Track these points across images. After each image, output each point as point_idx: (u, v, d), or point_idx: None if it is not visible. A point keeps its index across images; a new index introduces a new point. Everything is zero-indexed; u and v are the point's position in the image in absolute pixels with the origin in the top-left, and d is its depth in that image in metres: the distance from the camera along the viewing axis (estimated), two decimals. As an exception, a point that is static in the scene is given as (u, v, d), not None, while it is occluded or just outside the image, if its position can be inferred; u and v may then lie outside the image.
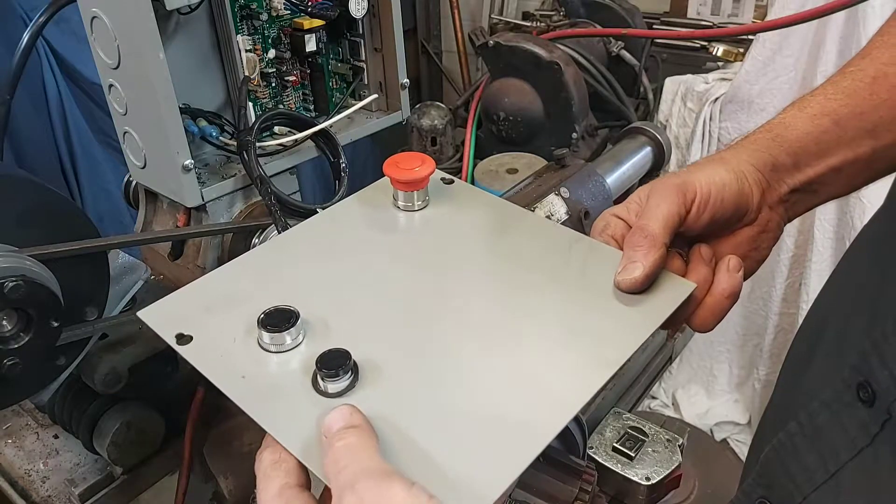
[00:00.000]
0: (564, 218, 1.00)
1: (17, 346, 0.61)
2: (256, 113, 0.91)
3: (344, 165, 0.92)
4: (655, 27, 1.91)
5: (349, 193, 0.63)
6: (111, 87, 0.81)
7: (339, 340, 0.45)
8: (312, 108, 0.98)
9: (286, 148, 0.91)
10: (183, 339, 0.46)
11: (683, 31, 1.88)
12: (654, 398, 2.15)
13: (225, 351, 0.45)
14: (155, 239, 0.90)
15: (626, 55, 1.55)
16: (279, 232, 0.81)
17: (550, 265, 0.53)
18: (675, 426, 0.88)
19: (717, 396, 2.10)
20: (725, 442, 2.04)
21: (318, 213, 0.62)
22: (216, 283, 0.52)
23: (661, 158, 1.23)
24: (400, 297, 0.50)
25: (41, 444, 0.85)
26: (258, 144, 0.86)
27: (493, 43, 1.37)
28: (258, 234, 0.85)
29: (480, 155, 1.38)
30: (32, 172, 0.71)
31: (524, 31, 1.93)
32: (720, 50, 1.89)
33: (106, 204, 1.94)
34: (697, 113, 1.81)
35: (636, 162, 1.20)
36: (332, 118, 0.93)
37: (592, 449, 0.82)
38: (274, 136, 0.91)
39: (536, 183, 1.06)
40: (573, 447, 0.77)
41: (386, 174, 0.58)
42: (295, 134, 0.90)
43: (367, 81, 0.99)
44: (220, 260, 0.89)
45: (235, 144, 0.85)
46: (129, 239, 0.80)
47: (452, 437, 0.40)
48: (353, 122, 0.99)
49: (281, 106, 0.94)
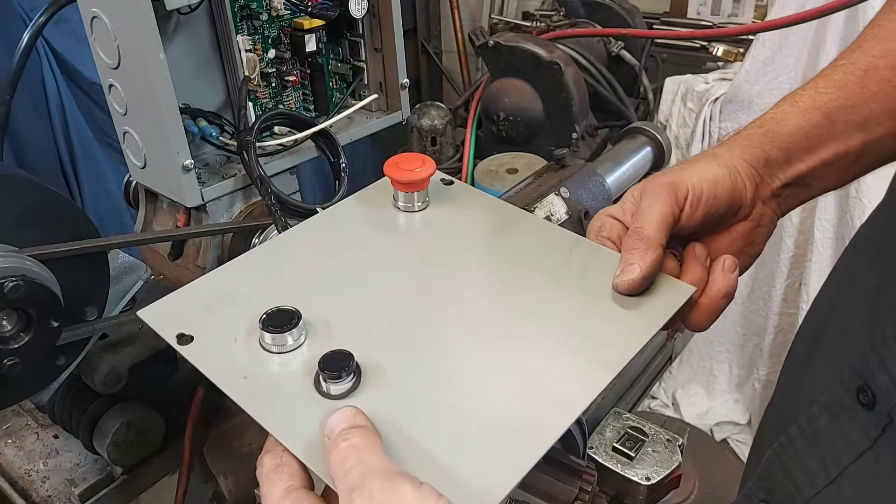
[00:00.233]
0: (564, 218, 1.00)
1: (17, 346, 0.61)
2: (256, 113, 0.91)
3: (344, 165, 0.92)
4: (655, 27, 1.91)
5: (349, 193, 0.63)
6: (111, 87, 0.81)
7: (340, 341, 0.45)
8: (312, 108, 0.98)
9: (286, 148, 0.91)
10: (184, 338, 0.46)
11: (683, 31, 1.87)
12: (654, 398, 2.15)
13: (226, 351, 0.45)
14: (155, 239, 0.90)
15: (626, 55, 1.54)
16: (279, 232, 0.81)
17: (550, 267, 0.53)
18: (675, 426, 0.87)
19: (717, 396, 2.09)
20: (725, 442, 2.04)
21: (318, 213, 0.62)
22: (216, 282, 0.51)
23: (661, 158, 1.23)
24: (401, 298, 0.50)
25: (41, 444, 0.85)
26: (258, 144, 0.86)
27: (493, 43, 1.37)
28: (258, 234, 0.85)
29: (480, 155, 1.38)
30: (32, 172, 0.71)
31: (524, 31, 1.93)
32: (720, 50, 1.89)
33: (106, 204, 1.93)
34: (697, 113, 1.81)
35: (636, 162, 1.20)
36: (332, 118, 0.93)
37: (592, 449, 0.82)
38: (274, 136, 0.91)
39: (536, 183, 1.06)
40: (573, 447, 0.77)
41: (386, 175, 0.58)
42: (295, 134, 0.90)
43: (367, 81, 0.99)
44: (220, 260, 0.89)
45: (235, 144, 0.85)
46: (129, 239, 0.80)
47: (455, 439, 0.40)
48: (353, 122, 0.98)
49: (281, 106, 0.94)
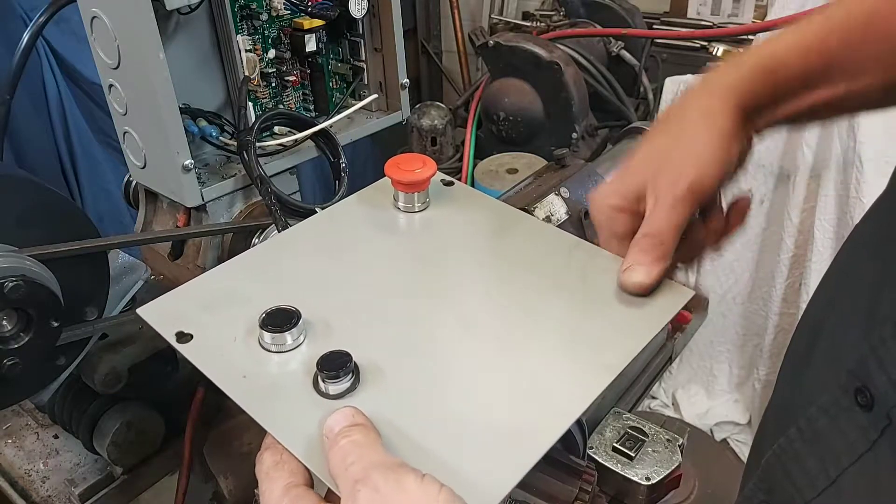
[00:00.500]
0: (564, 218, 1.00)
1: (17, 346, 0.61)
2: (256, 113, 0.91)
3: (344, 165, 0.92)
4: (655, 27, 1.90)
5: (349, 193, 0.63)
6: (111, 87, 0.81)
7: (340, 341, 0.45)
8: (312, 108, 0.98)
9: (286, 148, 0.91)
10: (183, 337, 0.46)
11: (683, 31, 1.87)
12: (654, 398, 2.14)
13: (225, 350, 0.45)
14: (155, 239, 0.90)
15: (626, 55, 1.54)
16: (279, 232, 0.81)
17: (550, 269, 0.53)
18: (675, 426, 0.87)
19: (717, 396, 2.09)
20: (725, 442, 2.04)
21: (317, 213, 0.62)
22: (216, 281, 0.51)
23: (661, 158, 1.22)
24: (400, 298, 0.50)
25: (41, 444, 0.85)
26: (258, 144, 0.86)
27: (493, 43, 1.37)
28: (258, 234, 0.85)
29: (480, 155, 1.38)
30: (32, 172, 0.71)
31: (524, 31, 1.93)
32: (720, 50, 1.88)
33: (106, 204, 1.93)
34: (697, 113, 1.80)
35: (636, 162, 1.19)
36: (332, 118, 0.93)
37: (592, 449, 0.82)
38: (274, 136, 0.91)
39: (536, 183, 1.06)
40: (573, 447, 0.77)
41: (387, 175, 0.58)
42: (295, 134, 0.90)
43: (367, 81, 0.99)
44: (220, 260, 0.89)
45: (235, 144, 0.85)
46: (129, 239, 0.80)
47: (455, 439, 0.40)
48: (353, 122, 0.98)
49: (281, 106, 0.94)
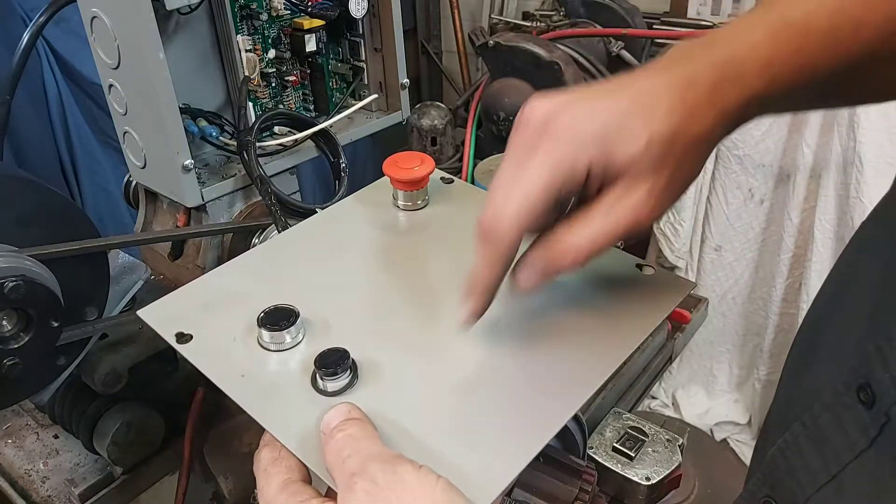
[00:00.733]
0: (564, 218, 1.00)
1: (17, 346, 0.61)
2: (256, 113, 0.91)
3: (344, 165, 0.92)
4: (655, 27, 1.90)
5: (349, 193, 0.63)
6: (111, 87, 0.81)
7: (338, 339, 0.45)
8: (312, 108, 0.98)
9: (286, 148, 0.91)
10: (183, 337, 0.46)
11: (683, 31, 1.87)
12: (654, 398, 2.14)
13: (225, 350, 0.45)
14: (155, 239, 0.90)
15: (626, 55, 1.54)
16: (279, 232, 0.81)
17: None
18: (675, 426, 0.87)
19: (717, 396, 2.09)
20: (725, 442, 2.04)
21: (317, 213, 0.62)
22: (216, 282, 0.52)
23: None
24: (399, 296, 0.50)
25: (41, 444, 0.85)
26: (258, 144, 0.86)
27: (493, 43, 1.37)
28: (258, 234, 0.85)
29: (480, 155, 1.38)
30: (32, 172, 0.71)
31: (524, 31, 1.92)
32: (720, 50, 1.88)
33: (106, 204, 1.93)
34: (697, 113, 1.80)
35: (636, 162, 1.19)
36: (332, 118, 0.93)
37: (592, 449, 0.82)
38: (274, 136, 0.91)
39: (536, 183, 1.05)
40: (573, 447, 0.77)
41: (385, 173, 0.58)
42: (295, 134, 0.90)
43: (367, 81, 0.99)
44: (220, 260, 0.89)
45: (235, 144, 0.85)
46: (129, 239, 0.80)
47: (452, 435, 0.40)
48: (353, 122, 0.98)
49: (281, 106, 0.94)
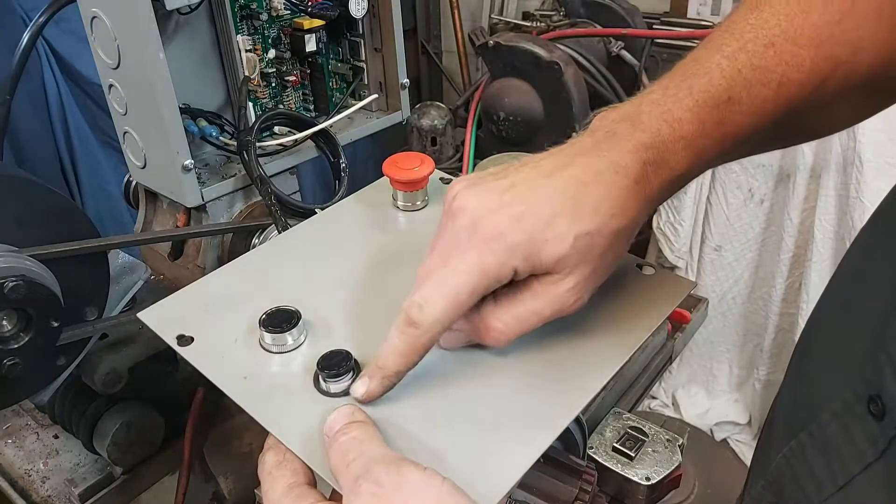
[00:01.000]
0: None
1: (17, 346, 0.61)
2: (256, 113, 0.91)
3: (344, 165, 0.92)
4: (655, 27, 1.90)
5: (349, 193, 0.63)
6: (111, 87, 0.81)
7: (340, 341, 0.45)
8: (312, 108, 0.98)
9: (286, 148, 0.91)
10: (184, 340, 0.46)
11: (683, 31, 1.87)
12: (654, 398, 2.14)
13: (226, 352, 0.45)
14: (155, 239, 0.90)
15: (626, 55, 1.54)
16: (279, 232, 0.81)
17: None
18: (675, 426, 0.87)
19: (717, 396, 2.09)
20: (725, 442, 2.04)
21: (317, 213, 0.62)
22: (216, 283, 0.52)
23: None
24: (400, 297, 0.50)
25: (41, 444, 0.85)
26: (258, 144, 0.86)
27: (493, 43, 1.37)
28: (258, 234, 0.85)
29: (480, 155, 1.38)
30: (32, 172, 0.71)
31: (524, 31, 1.92)
32: (720, 50, 1.88)
33: (106, 204, 1.93)
34: (697, 113, 1.80)
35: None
36: (332, 118, 0.93)
37: (592, 449, 0.81)
38: (274, 136, 0.91)
39: (536, 183, 1.05)
40: (573, 447, 0.77)
41: (385, 174, 0.58)
42: (295, 134, 0.90)
43: (367, 81, 0.99)
44: (220, 260, 0.89)
45: (235, 144, 0.85)
46: (129, 239, 0.80)
47: (456, 436, 0.40)
48: (353, 122, 0.98)
49: (281, 106, 0.94)
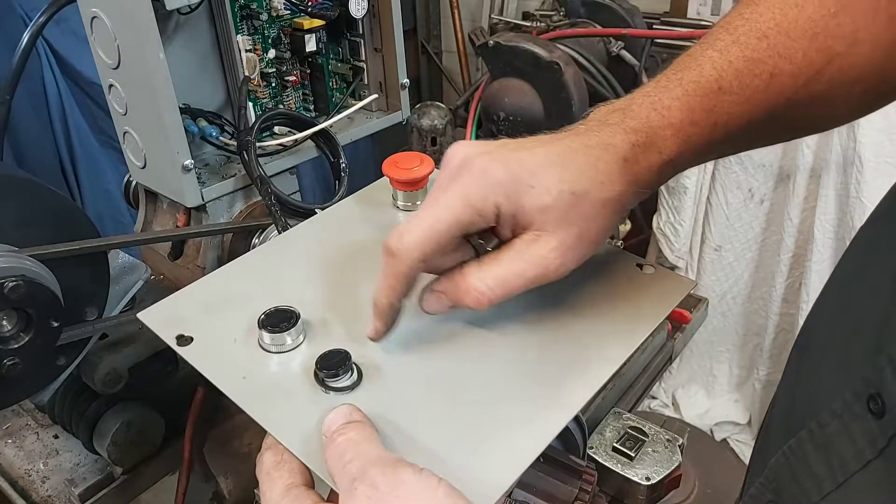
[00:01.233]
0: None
1: (17, 346, 0.61)
2: (256, 113, 0.91)
3: (344, 165, 0.92)
4: (655, 27, 1.90)
5: (349, 193, 0.63)
6: (111, 87, 0.81)
7: (339, 341, 0.45)
8: (312, 108, 0.98)
9: (286, 148, 0.91)
10: (183, 340, 0.46)
11: (683, 31, 1.87)
12: (654, 398, 2.14)
13: (225, 352, 0.45)
14: (155, 239, 0.90)
15: (626, 55, 1.54)
16: (279, 232, 0.81)
17: None
18: (675, 426, 0.87)
19: (717, 396, 2.09)
20: (725, 442, 2.04)
21: (317, 213, 0.62)
22: (216, 284, 0.52)
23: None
24: None
25: (41, 444, 0.85)
26: (258, 144, 0.86)
27: (493, 43, 1.37)
28: (258, 234, 0.85)
29: (480, 155, 1.38)
30: (32, 172, 0.71)
31: (524, 31, 1.92)
32: (720, 50, 1.88)
33: (106, 204, 1.93)
34: (697, 113, 1.80)
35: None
36: (332, 118, 0.93)
37: (592, 449, 0.81)
38: (274, 136, 0.91)
39: (536, 183, 1.05)
40: (573, 447, 0.77)
41: (385, 174, 0.58)
42: (295, 134, 0.90)
43: (367, 81, 0.99)
44: (220, 260, 0.89)
45: (235, 144, 0.85)
46: (129, 239, 0.80)
47: (453, 436, 0.40)
48: (353, 122, 0.98)
49: (281, 106, 0.94)
